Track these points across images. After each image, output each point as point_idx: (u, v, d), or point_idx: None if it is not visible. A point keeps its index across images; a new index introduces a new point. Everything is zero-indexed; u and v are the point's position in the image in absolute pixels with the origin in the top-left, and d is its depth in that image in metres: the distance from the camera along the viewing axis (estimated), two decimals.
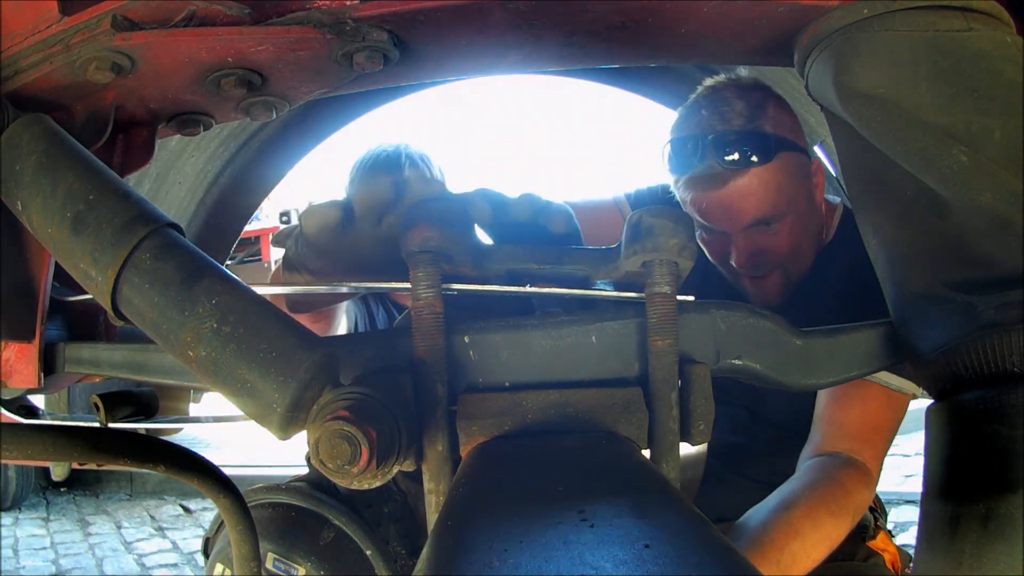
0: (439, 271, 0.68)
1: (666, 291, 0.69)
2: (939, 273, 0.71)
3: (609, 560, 0.38)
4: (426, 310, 0.68)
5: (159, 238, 0.60)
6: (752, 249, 1.37)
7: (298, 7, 0.69)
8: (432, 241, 0.66)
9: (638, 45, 0.79)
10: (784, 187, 1.32)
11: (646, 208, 0.70)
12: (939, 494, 0.70)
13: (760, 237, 1.36)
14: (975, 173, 0.64)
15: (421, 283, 0.68)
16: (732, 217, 1.35)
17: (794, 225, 1.37)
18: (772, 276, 1.41)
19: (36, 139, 0.66)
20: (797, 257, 1.40)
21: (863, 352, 0.78)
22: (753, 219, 1.34)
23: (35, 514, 4.97)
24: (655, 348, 0.69)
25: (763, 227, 1.35)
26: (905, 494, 3.79)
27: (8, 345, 0.78)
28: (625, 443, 0.65)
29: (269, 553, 0.87)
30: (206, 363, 0.57)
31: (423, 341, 0.68)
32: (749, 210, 1.33)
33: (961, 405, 0.69)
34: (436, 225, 0.66)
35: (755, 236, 1.36)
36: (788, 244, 1.37)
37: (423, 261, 0.68)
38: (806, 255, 1.42)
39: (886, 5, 0.67)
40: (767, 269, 1.40)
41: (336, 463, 0.53)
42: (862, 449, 1.29)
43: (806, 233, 1.40)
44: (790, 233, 1.37)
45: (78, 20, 0.67)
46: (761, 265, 1.39)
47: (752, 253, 1.37)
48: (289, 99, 0.80)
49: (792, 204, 1.35)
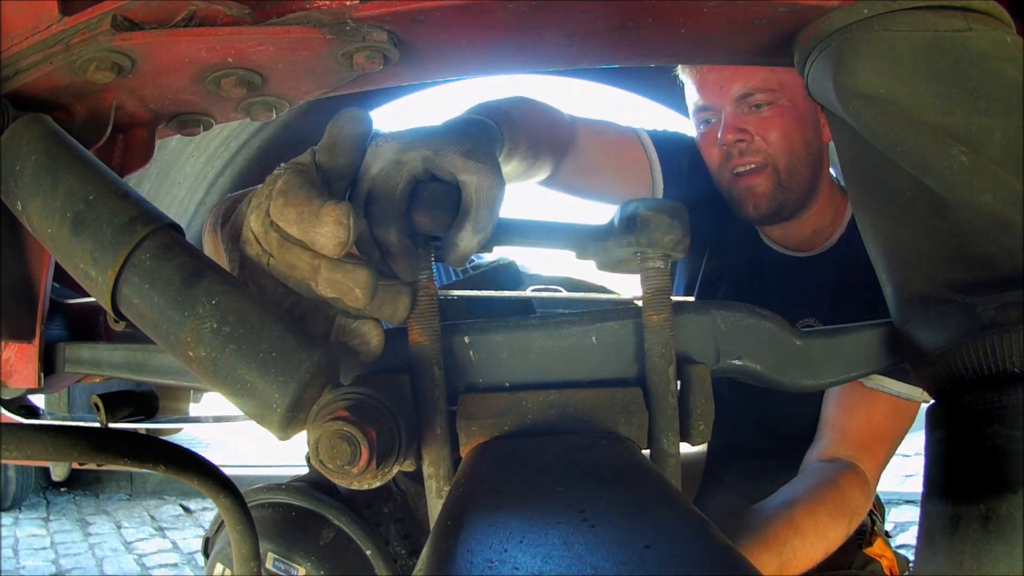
0: (431, 252, 0.68)
1: (659, 266, 0.69)
2: (939, 273, 0.71)
3: (609, 560, 0.38)
4: (420, 292, 0.67)
5: (159, 238, 0.60)
6: (738, 124, 1.39)
7: (298, 7, 0.68)
8: (424, 225, 0.66)
9: (638, 45, 0.79)
10: (778, 69, 1.33)
11: (644, 200, 0.70)
12: (939, 494, 0.70)
13: (749, 117, 1.39)
14: (975, 173, 0.64)
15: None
16: (723, 85, 1.39)
17: (785, 116, 1.38)
18: (761, 174, 1.40)
19: (36, 139, 0.66)
20: (788, 160, 1.39)
21: (863, 352, 0.78)
22: (743, 88, 1.37)
23: (35, 514, 4.97)
24: (650, 324, 0.69)
25: (753, 108, 1.38)
26: (905, 494, 3.80)
27: (8, 345, 0.78)
28: (625, 443, 0.65)
29: (269, 553, 0.87)
30: (206, 363, 0.57)
31: (419, 323, 0.67)
32: (738, 79, 1.37)
33: (961, 405, 0.69)
34: (427, 209, 0.66)
35: (744, 114, 1.39)
36: (777, 136, 1.38)
37: (417, 244, 0.68)
38: (798, 164, 1.40)
39: (886, 5, 0.67)
40: (753, 159, 1.40)
41: (336, 463, 0.53)
42: (863, 457, 1.30)
43: (799, 137, 1.40)
44: (780, 123, 1.38)
45: (78, 20, 0.67)
46: (748, 152, 1.39)
47: (738, 128, 1.39)
48: (289, 99, 0.80)
49: (785, 91, 1.37)
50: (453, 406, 0.68)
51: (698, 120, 1.49)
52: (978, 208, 0.66)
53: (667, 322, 0.69)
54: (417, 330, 0.67)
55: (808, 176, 1.42)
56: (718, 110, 1.42)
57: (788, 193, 1.41)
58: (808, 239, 1.51)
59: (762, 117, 1.39)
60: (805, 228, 1.50)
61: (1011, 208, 0.65)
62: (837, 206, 1.50)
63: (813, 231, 1.50)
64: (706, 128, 1.47)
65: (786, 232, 1.52)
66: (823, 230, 1.50)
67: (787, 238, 1.53)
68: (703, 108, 1.46)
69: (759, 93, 1.37)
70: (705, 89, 1.44)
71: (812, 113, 1.41)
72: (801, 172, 1.41)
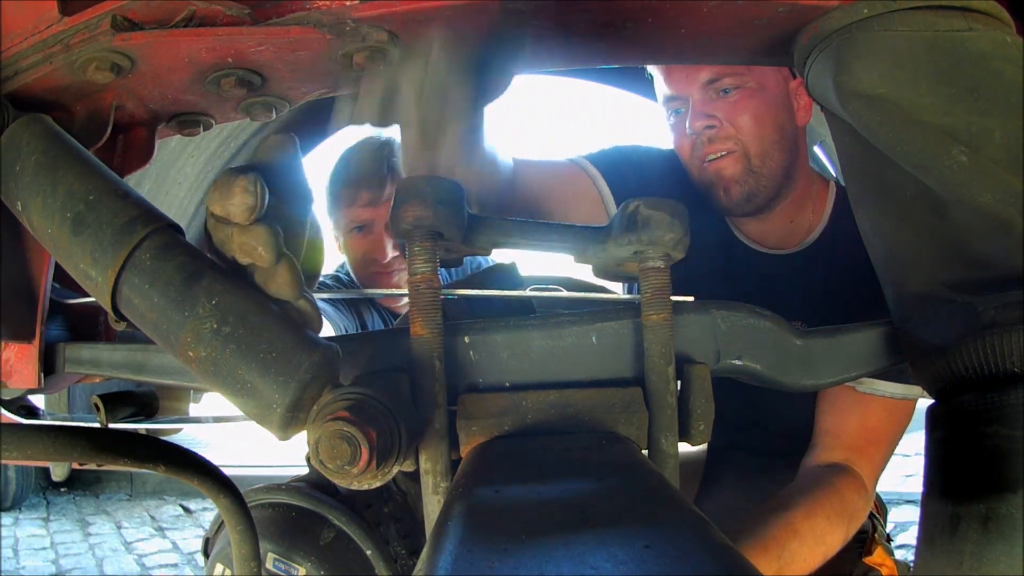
0: (435, 246, 0.68)
1: (659, 266, 0.69)
2: (939, 273, 0.71)
3: (609, 560, 0.38)
4: (423, 285, 0.67)
5: (159, 238, 0.60)
6: (706, 110, 1.37)
7: (298, 7, 0.68)
8: (426, 219, 0.66)
9: (638, 45, 0.79)
10: None
11: (644, 199, 0.70)
12: (939, 494, 0.70)
13: (718, 102, 1.37)
14: (975, 173, 0.65)
15: (418, 258, 0.68)
16: (689, 73, 1.37)
17: (754, 98, 1.36)
18: (730, 159, 1.38)
19: (36, 139, 0.66)
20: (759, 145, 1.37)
21: (863, 352, 0.78)
22: (710, 74, 1.35)
23: (35, 514, 4.96)
24: (650, 323, 0.69)
25: (721, 93, 1.36)
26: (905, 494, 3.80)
27: (8, 345, 0.78)
28: (625, 443, 0.65)
29: (269, 553, 0.87)
30: (206, 363, 0.57)
31: (421, 316, 0.67)
32: (704, 65, 1.34)
33: (961, 405, 0.69)
34: (429, 202, 0.66)
35: (712, 100, 1.37)
36: (747, 120, 1.36)
37: (419, 236, 0.67)
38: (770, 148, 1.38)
39: (886, 5, 0.67)
40: (723, 146, 1.37)
41: (336, 463, 0.53)
42: (860, 460, 1.29)
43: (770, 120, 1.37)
44: (749, 107, 1.36)
45: (78, 20, 0.67)
46: (717, 139, 1.37)
47: (706, 115, 1.37)
48: (289, 99, 0.80)
49: (753, 74, 1.35)
50: (453, 406, 0.68)
51: (668, 111, 1.46)
52: (978, 208, 0.66)
53: (666, 322, 0.68)
54: (419, 322, 0.67)
55: (781, 161, 1.39)
56: (686, 98, 1.40)
57: (760, 178, 1.38)
58: (787, 233, 1.46)
59: (730, 102, 1.36)
60: (783, 220, 1.46)
61: (1011, 208, 0.65)
62: (817, 195, 1.46)
63: (792, 223, 1.46)
64: (675, 119, 1.45)
65: (763, 227, 1.47)
66: (803, 222, 1.46)
67: (765, 234, 1.48)
68: (671, 98, 1.43)
69: (726, 77, 1.35)
70: (672, 78, 1.41)
71: (783, 95, 1.39)
72: (773, 156, 1.38)
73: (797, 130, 1.42)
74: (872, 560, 1.41)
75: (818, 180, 1.48)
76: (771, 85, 1.37)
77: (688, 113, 1.39)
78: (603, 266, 0.76)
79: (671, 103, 1.44)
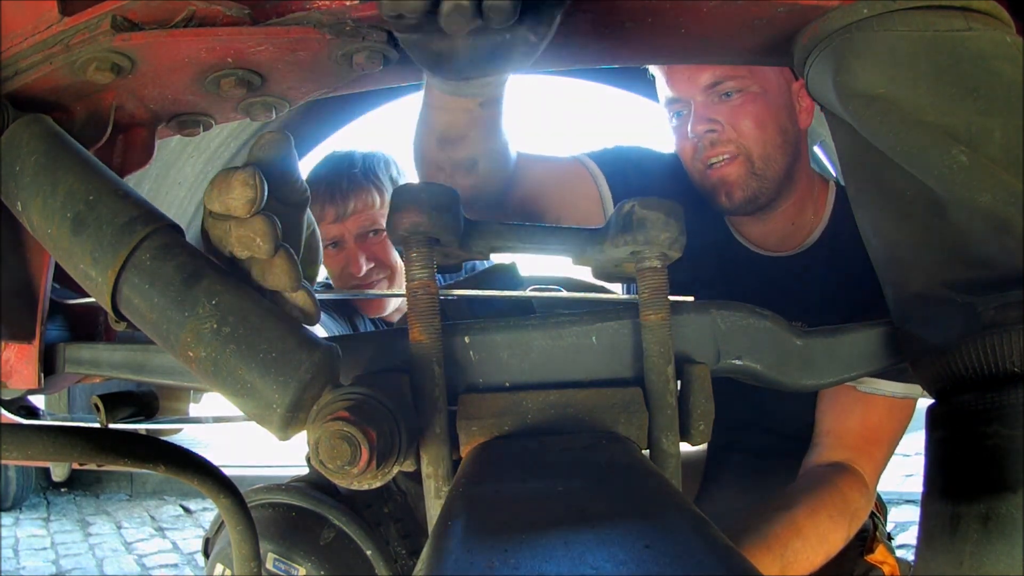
0: (432, 252, 0.68)
1: (656, 265, 0.69)
2: (939, 273, 0.71)
3: (609, 560, 0.38)
4: (421, 291, 0.67)
5: (159, 238, 0.60)
6: (709, 114, 1.36)
7: (298, 7, 0.69)
8: (422, 225, 0.66)
9: (638, 45, 0.79)
10: None
11: (639, 199, 0.70)
12: (939, 494, 0.70)
13: (720, 106, 1.36)
14: (975, 173, 0.64)
15: (415, 264, 0.68)
16: (692, 76, 1.36)
17: (756, 102, 1.35)
18: (733, 164, 1.37)
19: (36, 139, 0.66)
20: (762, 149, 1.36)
21: (863, 352, 0.78)
22: (712, 77, 1.34)
23: (35, 514, 4.96)
24: (648, 323, 0.69)
25: (723, 96, 1.36)
26: (905, 494, 3.80)
27: (8, 345, 0.78)
28: (625, 443, 0.65)
29: (269, 553, 0.87)
30: (206, 363, 0.57)
31: (420, 322, 0.67)
32: (706, 67, 1.34)
33: (961, 405, 0.69)
34: (424, 208, 0.66)
35: (714, 104, 1.36)
36: (749, 124, 1.35)
37: (416, 242, 0.67)
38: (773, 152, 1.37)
39: (886, 5, 0.67)
40: (725, 149, 1.37)
41: (336, 464, 0.53)
42: (861, 460, 1.29)
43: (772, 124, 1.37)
44: (751, 111, 1.35)
45: (78, 20, 0.67)
46: (719, 143, 1.36)
47: (709, 119, 1.36)
48: (289, 99, 0.80)
49: (755, 77, 1.34)
50: (453, 406, 0.68)
51: (670, 113, 1.46)
52: (978, 208, 0.66)
53: (665, 322, 0.68)
54: (418, 328, 0.67)
55: (783, 163, 1.38)
56: (688, 101, 1.40)
57: (763, 181, 1.38)
58: (788, 235, 1.46)
59: (733, 105, 1.36)
60: (784, 221, 1.45)
61: (1011, 208, 0.65)
62: (817, 197, 1.46)
63: (793, 224, 1.45)
64: (678, 121, 1.44)
65: (764, 228, 1.47)
66: (803, 224, 1.46)
67: (765, 236, 1.48)
68: (673, 100, 1.43)
69: (728, 81, 1.35)
70: (674, 80, 1.40)
71: (785, 98, 1.39)
72: (776, 159, 1.38)
73: (799, 132, 1.42)
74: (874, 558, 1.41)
75: (818, 181, 1.48)
76: (773, 88, 1.37)
77: (690, 116, 1.39)
78: (601, 267, 0.76)
79: (673, 105, 1.44)
